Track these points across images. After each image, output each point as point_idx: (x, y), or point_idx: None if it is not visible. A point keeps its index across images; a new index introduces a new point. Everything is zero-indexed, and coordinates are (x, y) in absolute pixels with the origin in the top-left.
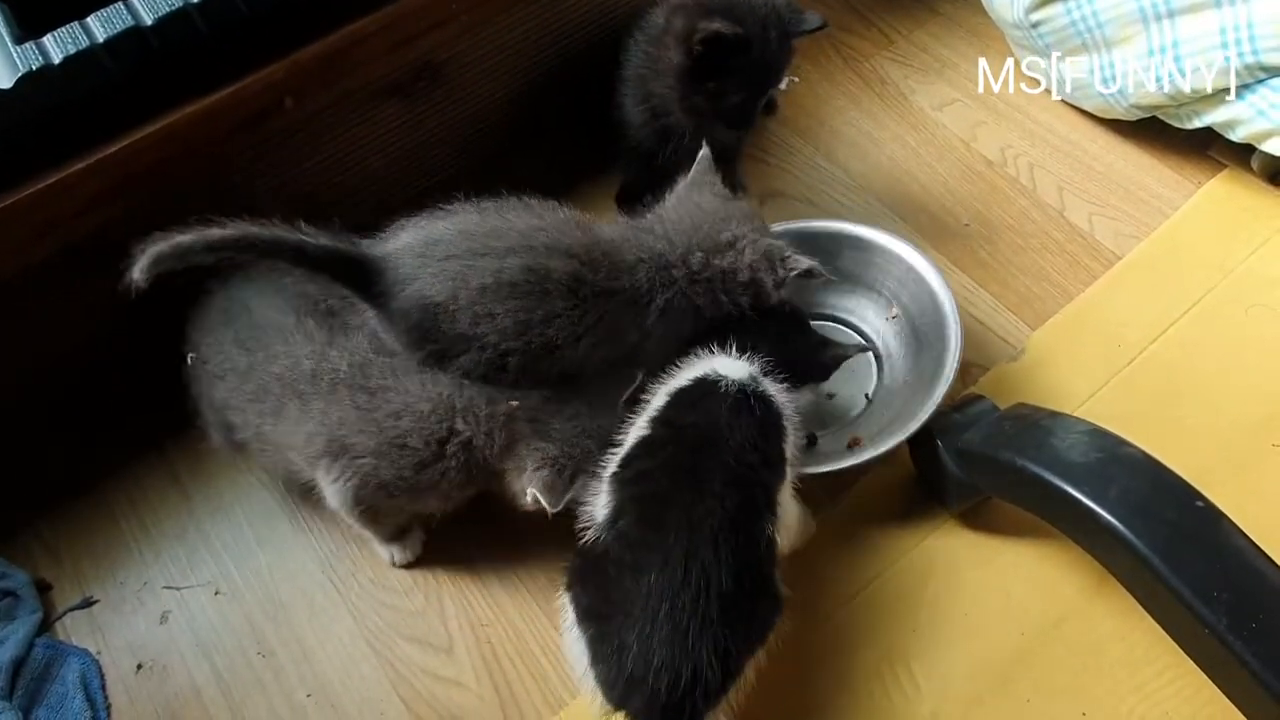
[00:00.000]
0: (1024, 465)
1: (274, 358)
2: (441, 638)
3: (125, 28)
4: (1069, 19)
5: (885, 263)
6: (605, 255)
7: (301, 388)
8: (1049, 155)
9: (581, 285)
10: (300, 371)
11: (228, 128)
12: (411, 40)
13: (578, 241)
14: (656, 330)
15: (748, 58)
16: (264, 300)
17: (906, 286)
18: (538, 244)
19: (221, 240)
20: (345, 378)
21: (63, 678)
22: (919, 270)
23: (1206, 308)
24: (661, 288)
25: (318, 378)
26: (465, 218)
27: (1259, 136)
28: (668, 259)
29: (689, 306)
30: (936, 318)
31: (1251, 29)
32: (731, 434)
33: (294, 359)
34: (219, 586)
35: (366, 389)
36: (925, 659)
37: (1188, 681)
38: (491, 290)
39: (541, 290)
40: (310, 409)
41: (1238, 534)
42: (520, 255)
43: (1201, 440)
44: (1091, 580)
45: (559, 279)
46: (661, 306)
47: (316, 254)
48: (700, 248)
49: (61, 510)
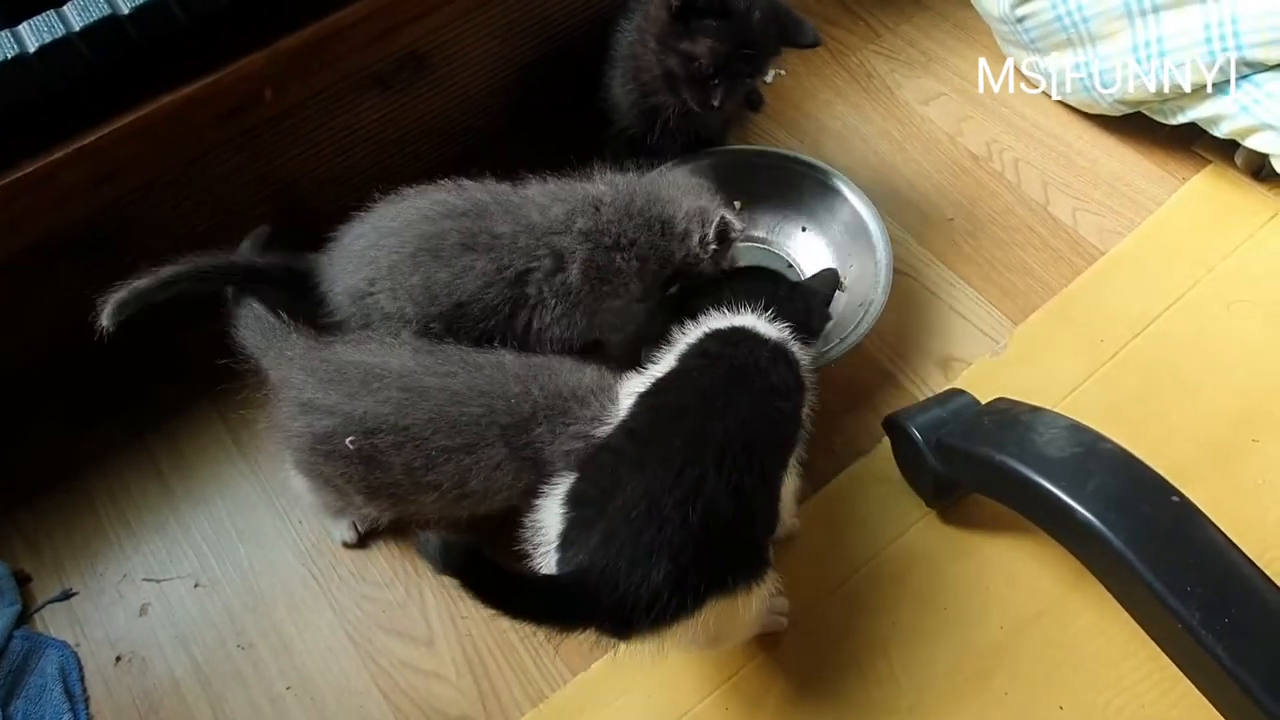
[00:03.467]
0: (1003, 460)
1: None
2: (422, 630)
3: (102, 16)
4: (1054, 14)
5: (799, 181)
6: (507, 205)
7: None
8: (1034, 150)
9: (476, 237)
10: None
11: (207, 118)
12: (394, 30)
13: (472, 200)
14: (579, 253)
15: (727, 25)
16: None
17: (823, 201)
18: (432, 213)
19: (175, 275)
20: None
21: (41, 669)
22: (835, 186)
23: (1189, 303)
24: (582, 215)
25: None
26: (380, 208)
27: (1243, 132)
28: (602, 198)
29: (616, 237)
30: (857, 228)
31: (1236, 24)
32: (770, 374)
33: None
34: (199, 579)
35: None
36: (904, 652)
37: (1164, 675)
38: (398, 265)
39: (436, 253)
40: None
41: (1212, 529)
42: (416, 226)
43: (1182, 435)
44: (1070, 575)
45: (452, 239)
46: (584, 229)
47: (265, 269)
48: (643, 198)
49: (41, 502)
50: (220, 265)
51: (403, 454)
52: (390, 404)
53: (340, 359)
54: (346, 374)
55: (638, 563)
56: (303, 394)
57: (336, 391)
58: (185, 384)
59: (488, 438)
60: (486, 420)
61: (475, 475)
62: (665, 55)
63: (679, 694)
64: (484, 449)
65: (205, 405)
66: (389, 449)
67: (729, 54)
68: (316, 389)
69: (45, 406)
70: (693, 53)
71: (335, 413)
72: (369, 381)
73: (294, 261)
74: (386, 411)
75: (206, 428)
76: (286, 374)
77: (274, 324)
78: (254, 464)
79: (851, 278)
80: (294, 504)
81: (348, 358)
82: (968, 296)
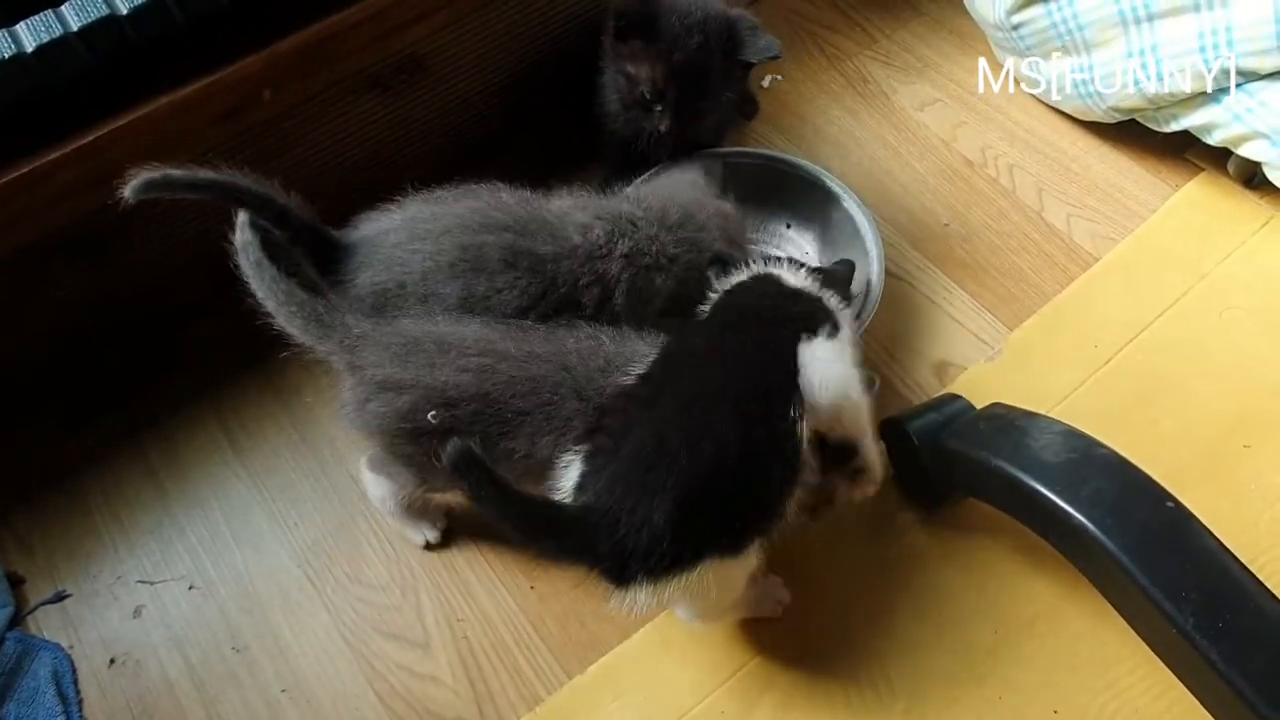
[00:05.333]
0: (999, 465)
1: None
2: (418, 633)
3: (100, 16)
4: (1049, 21)
5: (789, 182)
6: (545, 224)
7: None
8: (1028, 156)
9: (519, 256)
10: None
11: (205, 119)
12: (394, 33)
13: (513, 215)
14: (624, 279)
15: (657, 49)
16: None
17: (810, 198)
18: (471, 223)
19: (210, 181)
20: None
21: (34, 672)
22: (826, 186)
23: (1182, 310)
24: (622, 237)
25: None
26: (413, 207)
27: (1235, 140)
28: (636, 216)
29: (655, 256)
30: (848, 228)
31: (1230, 33)
32: (791, 310)
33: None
34: (193, 581)
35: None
36: (899, 656)
37: (1157, 680)
38: (433, 272)
39: (477, 265)
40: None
41: (1206, 535)
42: (454, 235)
43: (1175, 441)
44: (1064, 579)
45: (494, 254)
46: (626, 252)
47: (297, 223)
48: (675, 211)
49: (35, 503)
50: (258, 192)
51: (480, 422)
52: (470, 371)
53: (412, 332)
54: (422, 345)
55: (640, 503)
56: (379, 371)
57: (414, 365)
58: (181, 384)
59: (561, 393)
60: (560, 376)
61: (546, 435)
62: (615, 74)
63: (674, 698)
64: (558, 405)
65: (201, 406)
66: (468, 418)
67: (668, 78)
68: (394, 364)
69: (41, 406)
70: (634, 75)
71: (417, 386)
72: (446, 350)
73: (322, 229)
74: (468, 380)
75: (202, 428)
76: (357, 356)
77: (324, 306)
78: (249, 466)
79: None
80: (290, 506)
81: (419, 330)
82: (963, 301)
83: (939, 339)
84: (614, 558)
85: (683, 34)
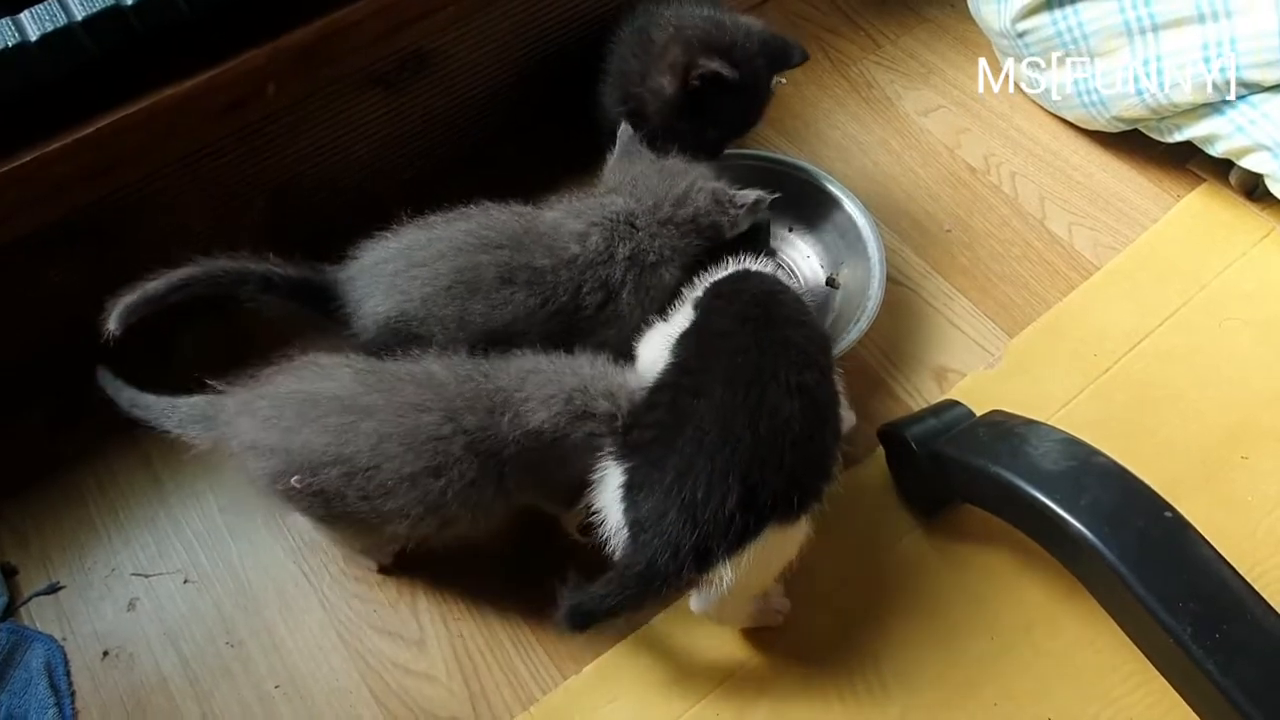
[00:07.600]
0: (997, 472)
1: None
2: (413, 631)
3: (105, 6)
4: (1054, 29)
5: (788, 184)
6: (540, 236)
7: None
8: (1031, 164)
9: (515, 272)
10: None
11: (208, 112)
12: (398, 29)
13: (505, 233)
14: (629, 280)
15: (737, 100)
16: None
17: (811, 200)
18: (465, 245)
19: (188, 278)
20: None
21: (27, 664)
22: (826, 189)
23: (1182, 320)
24: (622, 241)
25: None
26: (409, 235)
27: (1238, 152)
28: (634, 214)
29: (659, 252)
30: (850, 231)
31: (1234, 45)
32: (785, 293)
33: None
34: (189, 574)
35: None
36: (895, 662)
37: (1153, 688)
38: (431, 297)
39: (473, 286)
40: None
41: (1204, 545)
42: (449, 259)
43: (1173, 451)
44: (1061, 587)
45: (490, 273)
46: (628, 256)
47: (282, 282)
48: (667, 202)
49: (29, 493)
50: (236, 271)
51: (355, 485)
52: (329, 431)
53: (277, 392)
54: (283, 408)
55: (714, 490)
56: (246, 436)
57: (276, 429)
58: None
59: (453, 451)
60: (446, 429)
61: (447, 497)
62: (673, 123)
63: (669, 700)
64: (452, 467)
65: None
66: (338, 481)
67: (739, 121)
68: (259, 429)
69: (37, 398)
70: (703, 127)
71: (276, 451)
72: (305, 411)
73: (313, 274)
74: (325, 441)
75: None
76: (232, 427)
77: (207, 401)
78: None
79: (843, 278)
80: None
81: (285, 389)
82: (963, 308)
83: (939, 345)
84: (698, 551)
85: (751, 76)
